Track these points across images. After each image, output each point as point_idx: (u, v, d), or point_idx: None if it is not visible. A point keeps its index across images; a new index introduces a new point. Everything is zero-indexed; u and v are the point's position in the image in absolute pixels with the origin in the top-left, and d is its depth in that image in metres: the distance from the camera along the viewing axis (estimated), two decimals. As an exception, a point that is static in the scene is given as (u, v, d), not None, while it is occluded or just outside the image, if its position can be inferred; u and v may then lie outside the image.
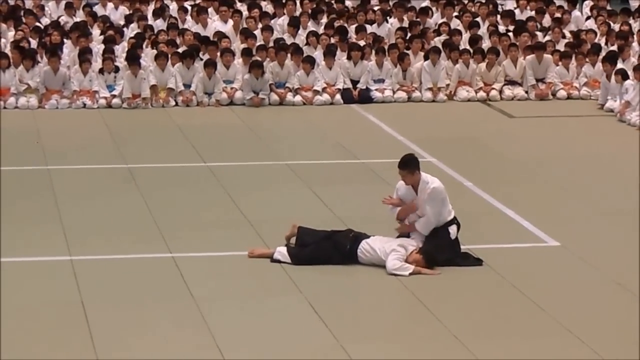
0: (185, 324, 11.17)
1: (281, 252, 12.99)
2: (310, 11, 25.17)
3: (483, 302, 11.80)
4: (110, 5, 25.37)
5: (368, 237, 12.99)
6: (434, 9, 25.97)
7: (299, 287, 12.21)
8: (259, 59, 21.48)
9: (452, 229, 13.03)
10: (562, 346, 10.53)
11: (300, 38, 23.49)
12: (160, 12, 24.60)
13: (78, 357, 10.20)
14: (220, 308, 11.63)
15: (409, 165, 12.97)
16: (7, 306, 11.31)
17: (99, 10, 25.12)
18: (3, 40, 22.57)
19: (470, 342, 10.64)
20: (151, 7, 25.12)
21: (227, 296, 12.13)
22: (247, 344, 10.72)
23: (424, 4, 26.45)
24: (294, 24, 23.96)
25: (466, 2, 26.70)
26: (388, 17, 25.02)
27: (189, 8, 25.11)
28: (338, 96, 21.31)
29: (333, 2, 26.46)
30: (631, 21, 24.86)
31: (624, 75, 20.33)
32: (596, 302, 11.72)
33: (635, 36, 23.24)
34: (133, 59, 21.08)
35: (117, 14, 24.74)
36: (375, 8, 25.81)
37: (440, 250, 12.88)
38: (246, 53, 21.60)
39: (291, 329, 11.26)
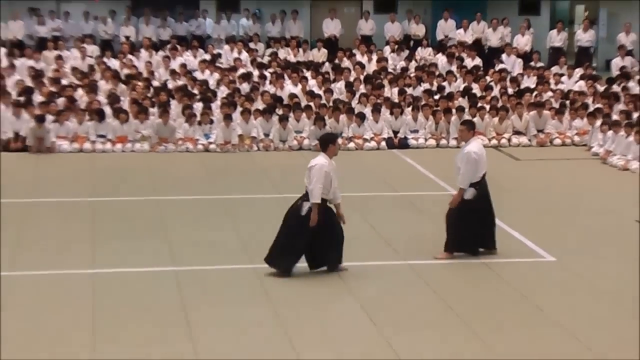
0: (265, 323, 11.13)
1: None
2: (361, 77, 25.35)
3: (494, 302, 11.94)
4: (207, 71, 25.60)
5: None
6: (458, 75, 26.02)
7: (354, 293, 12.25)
8: (321, 114, 21.67)
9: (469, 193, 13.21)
10: (555, 339, 10.57)
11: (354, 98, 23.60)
12: (245, 77, 24.81)
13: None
14: (298, 310, 11.47)
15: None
16: (124, 306, 11.52)
17: (198, 75, 25.38)
18: (122, 99, 22.82)
19: (484, 334, 10.77)
20: (238, 73, 25.30)
21: (294, 302, 11.97)
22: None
23: (450, 69, 26.64)
24: (349, 88, 24.12)
25: (482, 70, 26.73)
26: (421, 82, 25.11)
27: (268, 75, 25.39)
28: (383, 143, 21.56)
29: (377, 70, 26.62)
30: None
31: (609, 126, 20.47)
32: (586, 305, 11.76)
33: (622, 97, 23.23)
34: (226, 115, 21.31)
35: (212, 79, 24.91)
36: (412, 75, 25.94)
37: None
38: (312, 110, 21.80)
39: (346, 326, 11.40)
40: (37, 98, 22.29)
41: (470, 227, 13.25)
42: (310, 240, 12.49)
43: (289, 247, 12.56)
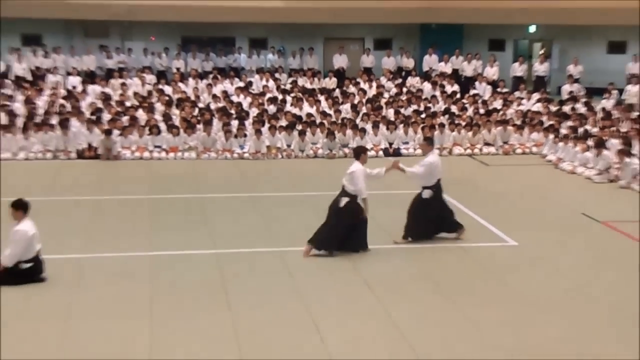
0: (285, 292, 11.17)
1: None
2: (363, 100, 25.35)
3: (468, 277, 12.01)
4: (242, 95, 25.61)
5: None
6: (440, 98, 26.02)
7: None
8: (332, 130, 21.65)
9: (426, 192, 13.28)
10: (518, 307, 10.73)
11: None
12: (272, 100, 24.84)
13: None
14: (322, 299, 11.43)
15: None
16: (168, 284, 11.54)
17: (234, 98, 25.37)
18: (174, 117, 22.87)
19: (460, 302, 10.79)
20: (266, 97, 25.33)
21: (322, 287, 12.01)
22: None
23: (434, 93, 26.65)
24: (354, 109, 24.10)
25: (459, 95, 26.74)
26: (411, 104, 25.10)
27: (290, 98, 25.40)
28: (381, 152, 21.51)
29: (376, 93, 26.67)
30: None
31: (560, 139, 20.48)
32: (542, 280, 11.82)
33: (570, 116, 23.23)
34: (257, 130, 21.30)
35: (245, 102, 24.94)
36: (403, 98, 25.91)
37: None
38: (324, 126, 21.79)
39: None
40: (106, 116, 22.38)
41: (424, 220, 13.39)
42: (348, 227, 12.71)
43: (332, 233, 12.71)
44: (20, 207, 11.32)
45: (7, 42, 30.81)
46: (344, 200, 12.67)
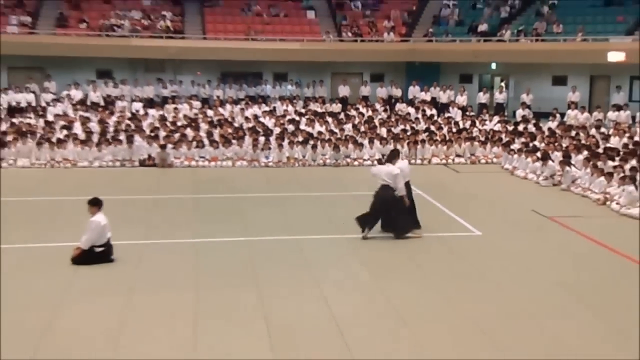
0: (302, 277, 11.07)
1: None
2: (362, 121, 25.32)
3: (441, 260, 11.96)
4: (267, 117, 25.64)
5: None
6: (422, 120, 26.00)
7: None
8: (337, 144, 21.61)
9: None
10: (483, 285, 10.68)
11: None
12: (291, 121, 24.83)
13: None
14: (337, 285, 11.42)
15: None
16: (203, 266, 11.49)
17: (262, 120, 25.32)
18: (215, 134, 22.85)
19: (435, 280, 10.71)
20: (286, 119, 25.34)
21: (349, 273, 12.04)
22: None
23: (417, 116, 26.61)
24: (355, 128, 24.08)
25: (436, 117, 26.71)
26: (399, 124, 25.06)
27: (304, 119, 25.41)
28: (375, 162, 21.27)
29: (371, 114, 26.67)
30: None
31: (515, 152, 20.44)
32: (502, 263, 11.85)
33: (523, 134, 23.22)
34: (279, 144, 21.30)
35: (270, 123, 24.94)
36: (393, 120, 25.90)
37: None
38: (331, 141, 21.76)
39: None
40: (162, 134, 22.40)
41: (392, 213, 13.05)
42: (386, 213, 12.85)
43: (374, 216, 12.88)
44: (95, 204, 11.39)
45: (85, 75, 30.98)
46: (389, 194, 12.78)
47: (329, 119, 25.54)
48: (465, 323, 8.97)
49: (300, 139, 22.11)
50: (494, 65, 32.60)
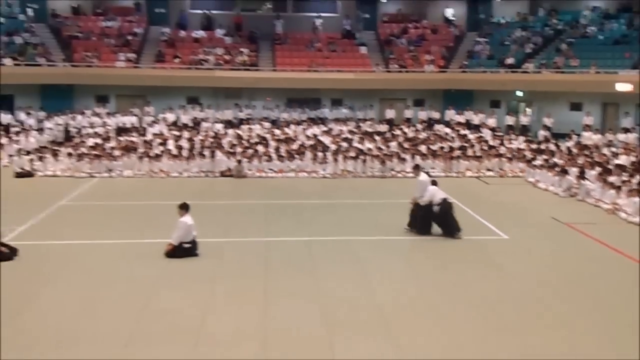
0: (351, 269, 11.03)
1: None
2: (405, 139, 25.14)
3: (472, 261, 11.79)
4: (325, 136, 25.66)
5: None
6: (457, 139, 25.75)
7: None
8: (384, 159, 21.50)
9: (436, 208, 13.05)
10: (511, 282, 10.46)
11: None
12: (345, 139, 24.80)
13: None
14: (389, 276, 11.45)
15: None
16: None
17: (320, 138, 25.35)
18: (281, 149, 23.02)
19: (468, 278, 10.57)
20: (341, 137, 25.36)
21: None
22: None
23: (452, 135, 26.36)
24: (400, 145, 23.90)
25: (470, 137, 26.39)
26: (437, 142, 24.76)
27: (356, 138, 25.31)
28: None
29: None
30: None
31: (537, 167, 20.02)
32: (528, 263, 11.64)
33: (544, 152, 22.79)
34: (335, 158, 21.31)
35: (327, 141, 24.92)
36: (432, 139, 25.62)
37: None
38: (379, 156, 21.64)
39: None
40: (238, 150, 22.61)
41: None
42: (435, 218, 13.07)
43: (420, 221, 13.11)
44: (184, 207, 11.61)
45: (178, 101, 31.59)
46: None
47: (377, 137, 25.46)
48: (494, 319, 8.80)
49: (353, 154, 22.08)
50: (519, 93, 32.07)
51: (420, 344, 7.95)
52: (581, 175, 17.99)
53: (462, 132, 27.31)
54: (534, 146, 24.06)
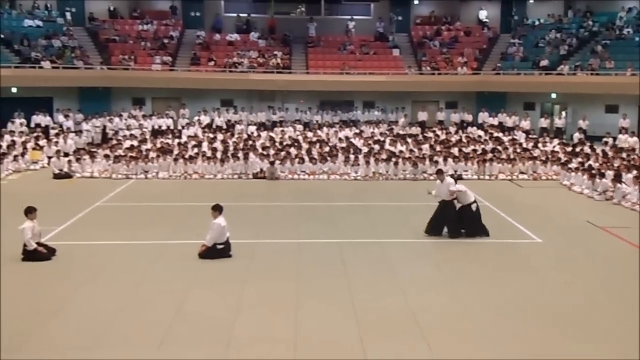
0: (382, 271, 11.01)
1: None
2: (438, 142, 24.94)
3: (506, 263, 11.65)
4: (357, 138, 25.60)
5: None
6: (489, 141, 25.44)
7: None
8: (416, 162, 21.38)
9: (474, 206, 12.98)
10: (547, 283, 10.38)
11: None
12: (377, 142, 24.71)
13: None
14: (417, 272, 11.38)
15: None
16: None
17: (352, 140, 25.36)
18: (313, 151, 23.03)
19: (502, 279, 10.45)
20: (373, 139, 25.24)
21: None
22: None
23: (485, 138, 26.04)
24: (431, 148, 23.77)
25: (503, 139, 26.06)
26: (470, 145, 24.54)
27: (388, 140, 25.21)
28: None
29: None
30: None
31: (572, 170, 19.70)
32: (561, 266, 11.49)
33: (579, 155, 22.38)
34: (366, 161, 21.23)
35: (359, 143, 24.86)
36: (464, 141, 25.40)
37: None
38: (411, 159, 21.50)
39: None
40: (271, 152, 22.69)
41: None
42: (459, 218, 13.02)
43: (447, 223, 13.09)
44: (217, 209, 11.67)
45: (212, 103, 31.86)
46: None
47: (409, 140, 25.32)
48: (529, 324, 8.66)
49: (384, 156, 21.98)
50: (554, 95, 31.58)
51: (454, 350, 7.86)
52: (617, 179, 17.62)
53: (495, 134, 26.97)
54: (568, 149, 23.66)
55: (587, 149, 23.43)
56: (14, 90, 29.11)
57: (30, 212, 11.42)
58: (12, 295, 9.45)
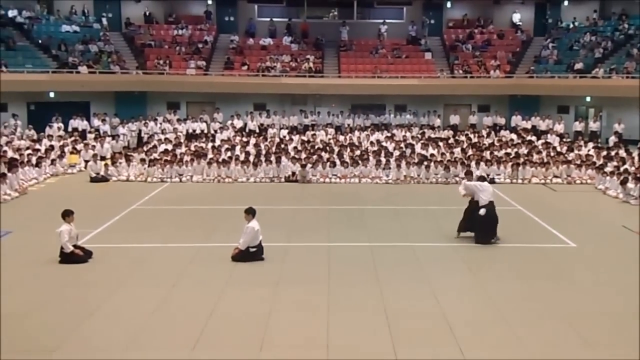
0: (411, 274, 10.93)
1: None
2: (470, 145, 24.69)
3: (540, 268, 11.47)
4: (388, 142, 25.51)
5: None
6: (522, 145, 25.06)
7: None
8: (447, 165, 21.18)
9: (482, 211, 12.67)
10: (580, 288, 10.15)
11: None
12: (408, 145, 24.57)
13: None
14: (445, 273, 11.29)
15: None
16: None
17: (383, 144, 25.24)
18: (345, 155, 22.98)
19: (535, 283, 10.26)
20: (404, 143, 25.11)
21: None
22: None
23: (518, 142, 25.66)
24: (463, 151, 23.52)
25: (536, 143, 25.64)
26: (502, 148, 24.21)
27: (419, 144, 25.05)
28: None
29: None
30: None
31: (606, 174, 19.32)
32: (595, 271, 11.29)
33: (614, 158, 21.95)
34: (397, 164, 21.09)
35: (390, 147, 24.72)
36: (497, 144, 25.07)
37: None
38: (442, 162, 21.28)
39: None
40: (303, 155, 22.65)
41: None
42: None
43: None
44: (250, 212, 11.72)
45: (245, 107, 32.02)
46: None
47: (441, 144, 25.10)
48: (564, 331, 8.55)
49: (416, 160, 21.84)
50: (588, 98, 31.03)
51: (487, 356, 7.75)
52: (654, 183, 17.23)
53: (528, 138, 26.59)
54: (603, 153, 23.21)
55: (622, 153, 22.96)
56: (51, 95, 29.75)
57: (67, 215, 11.61)
58: (49, 297, 9.61)
